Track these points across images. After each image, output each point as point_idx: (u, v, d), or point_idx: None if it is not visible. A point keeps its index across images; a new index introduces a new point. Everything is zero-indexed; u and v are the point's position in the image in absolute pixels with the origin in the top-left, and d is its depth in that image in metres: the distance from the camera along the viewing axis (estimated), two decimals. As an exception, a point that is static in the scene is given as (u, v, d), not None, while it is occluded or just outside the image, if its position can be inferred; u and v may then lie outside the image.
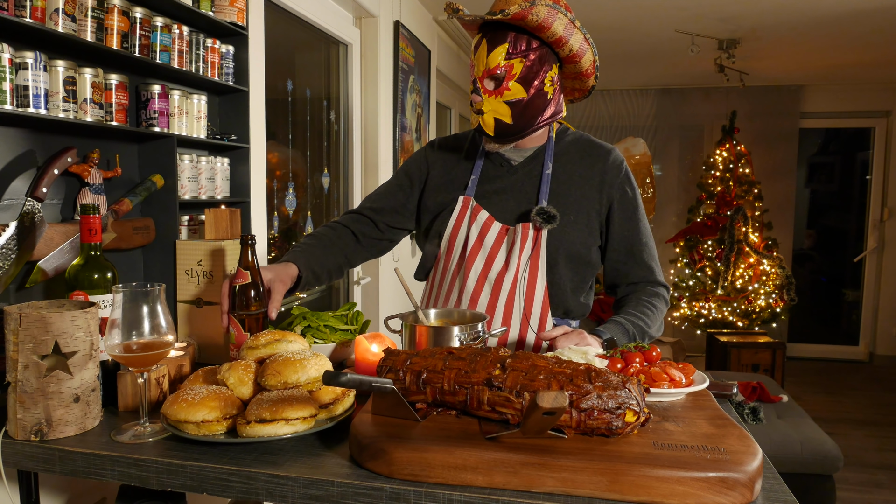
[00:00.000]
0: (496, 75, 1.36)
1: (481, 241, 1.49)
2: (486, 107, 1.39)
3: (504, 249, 1.48)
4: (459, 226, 1.50)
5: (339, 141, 3.12)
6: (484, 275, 1.48)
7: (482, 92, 1.38)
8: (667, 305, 1.52)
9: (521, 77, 1.36)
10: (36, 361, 1.01)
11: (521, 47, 1.35)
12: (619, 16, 3.83)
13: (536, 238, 1.44)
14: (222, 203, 1.84)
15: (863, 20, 3.86)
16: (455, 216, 1.50)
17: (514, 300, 1.46)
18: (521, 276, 1.45)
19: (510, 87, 1.37)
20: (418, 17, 3.62)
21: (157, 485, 0.96)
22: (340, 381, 0.94)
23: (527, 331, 1.47)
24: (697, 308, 5.45)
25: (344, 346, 1.42)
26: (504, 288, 1.46)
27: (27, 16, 1.23)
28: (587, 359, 1.16)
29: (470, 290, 1.49)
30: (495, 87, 1.38)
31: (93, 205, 1.19)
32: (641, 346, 1.23)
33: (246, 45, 1.84)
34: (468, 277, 1.49)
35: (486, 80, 1.38)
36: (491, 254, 1.48)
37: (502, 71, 1.36)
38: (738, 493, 0.81)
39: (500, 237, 1.48)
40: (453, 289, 1.53)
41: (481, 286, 1.48)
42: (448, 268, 1.54)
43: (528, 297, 1.45)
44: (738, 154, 5.50)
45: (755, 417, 3.12)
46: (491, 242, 1.48)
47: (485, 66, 1.36)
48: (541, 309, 1.47)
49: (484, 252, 1.48)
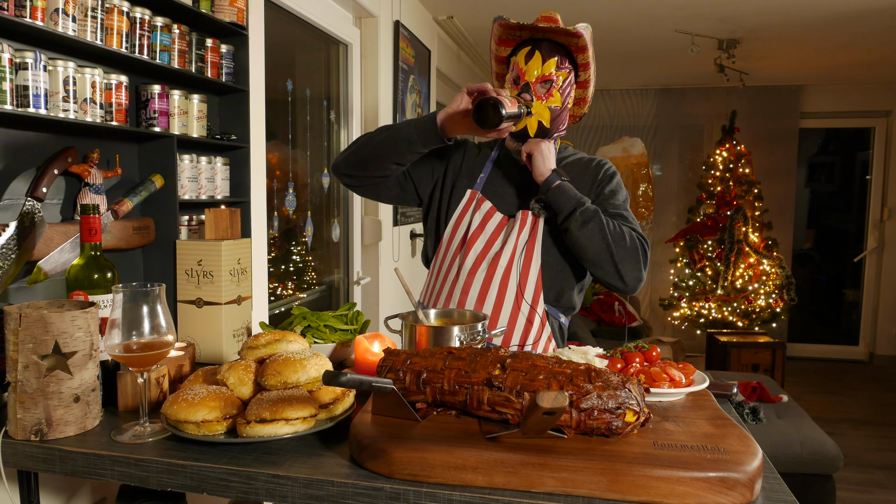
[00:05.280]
0: (549, 81, 1.53)
1: (482, 227, 1.59)
2: (535, 108, 1.53)
3: (503, 235, 1.58)
4: (464, 215, 1.61)
5: (339, 141, 3.12)
6: (482, 256, 1.57)
7: (535, 95, 1.53)
8: (636, 244, 1.49)
9: (561, 88, 1.55)
10: (36, 361, 1.01)
11: (565, 63, 1.54)
12: (619, 16, 3.82)
13: (534, 225, 1.55)
14: (222, 203, 1.84)
15: (863, 20, 3.86)
16: (461, 207, 1.62)
17: (510, 278, 1.55)
18: (517, 258, 1.54)
19: (553, 95, 1.54)
20: (418, 17, 3.62)
21: (157, 485, 0.96)
22: (340, 381, 0.94)
23: (521, 303, 1.55)
24: (697, 308, 5.45)
25: (344, 346, 1.42)
26: (500, 265, 1.55)
27: (27, 16, 1.23)
28: (587, 359, 1.17)
29: (468, 268, 1.57)
30: (545, 92, 1.53)
31: (93, 205, 1.19)
32: (641, 346, 1.23)
33: (246, 45, 1.84)
34: (467, 257, 1.58)
35: (538, 85, 1.53)
36: (491, 238, 1.58)
37: (555, 78, 1.53)
38: (738, 493, 0.81)
39: (501, 225, 1.59)
40: (452, 268, 1.61)
41: (479, 265, 1.57)
42: (449, 250, 1.63)
43: (522, 275, 1.54)
44: (738, 154, 5.50)
45: (755, 417, 3.12)
46: (492, 229, 1.59)
47: (539, 72, 1.52)
48: (534, 288, 1.55)
49: (484, 237, 1.58)
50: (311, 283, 2.97)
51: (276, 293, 2.66)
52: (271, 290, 2.55)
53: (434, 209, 1.69)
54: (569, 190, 1.50)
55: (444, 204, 1.66)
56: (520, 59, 1.55)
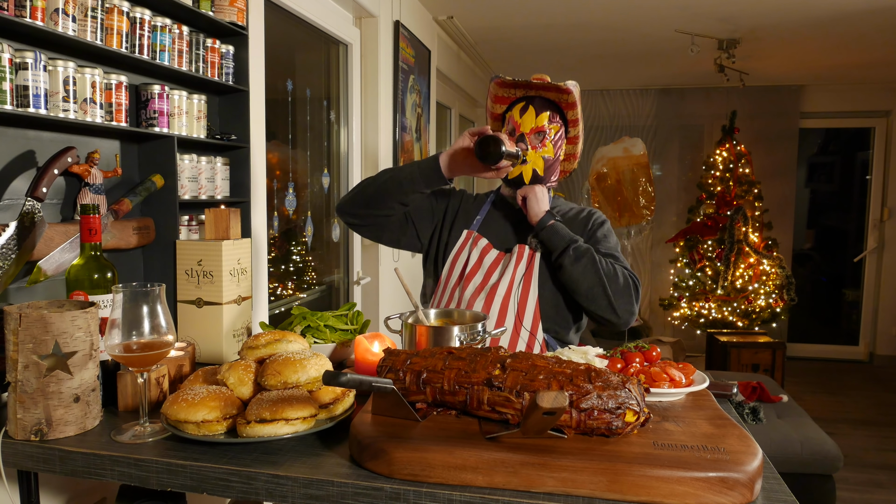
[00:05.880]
0: (542, 132, 1.63)
1: (480, 262, 1.66)
2: (529, 157, 1.64)
3: (500, 268, 1.65)
4: (461, 252, 1.69)
5: (339, 141, 3.12)
6: (481, 287, 1.63)
7: (529, 145, 1.64)
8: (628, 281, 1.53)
9: (553, 140, 1.65)
10: (36, 361, 1.01)
11: (556, 118, 1.66)
12: (619, 16, 3.82)
13: (531, 258, 1.62)
14: (222, 203, 1.84)
15: (863, 20, 3.86)
16: (458, 245, 1.70)
17: (508, 306, 1.59)
18: (515, 288, 1.60)
19: (546, 146, 1.64)
20: (418, 17, 3.62)
21: (157, 485, 0.96)
22: (340, 381, 0.94)
23: (520, 329, 1.58)
24: (697, 308, 5.45)
25: (344, 346, 1.42)
26: (499, 294, 1.60)
27: (27, 16, 1.23)
28: (587, 359, 1.17)
29: (467, 299, 1.62)
30: (539, 142, 1.63)
31: (93, 205, 1.19)
32: (641, 346, 1.23)
33: (246, 45, 1.84)
34: (466, 289, 1.63)
35: (532, 136, 1.64)
36: (488, 272, 1.64)
37: (547, 130, 1.64)
38: (738, 493, 0.81)
39: (498, 260, 1.66)
40: (451, 302, 1.67)
41: (477, 295, 1.62)
42: (448, 286, 1.68)
43: (520, 304, 1.59)
44: (738, 154, 5.49)
45: (755, 417, 3.12)
46: (489, 263, 1.66)
47: (533, 124, 1.64)
48: (532, 317, 1.59)
49: (482, 271, 1.65)
50: (311, 283, 2.97)
51: (276, 293, 2.66)
52: (271, 290, 2.55)
53: (433, 250, 1.76)
54: (562, 229, 1.58)
55: (442, 245, 1.74)
56: (515, 114, 1.66)
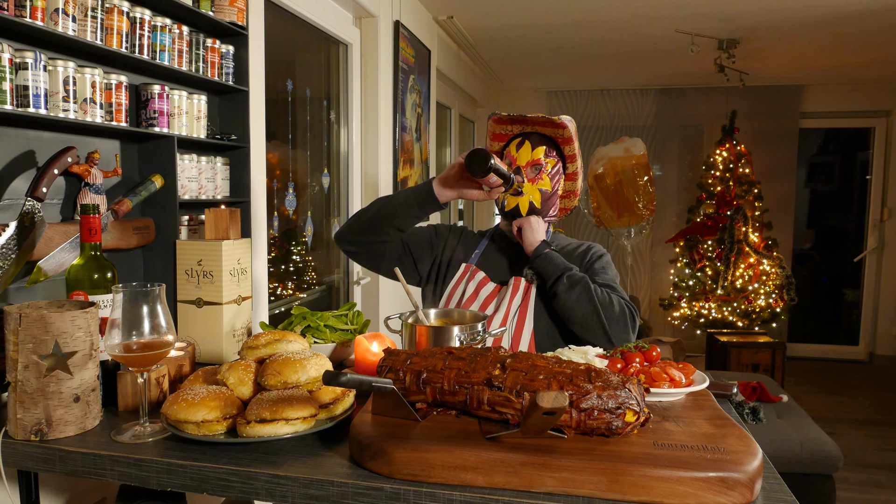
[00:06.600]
0: (538, 165, 1.65)
1: (476, 294, 1.67)
2: (526, 189, 1.66)
3: (496, 300, 1.65)
4: (458, 285, 1.70)
5: (339, 141, 3.12)
6: None
7: (525, 177, 1.66)
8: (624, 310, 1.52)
9: (550, 174, 1.67)
10: (36, 361, 1.01)
11: (552, 152, 1.67)
12: (619, 16, 3.82)
13: (527, 291, 1.62)
14: (222, 203, 1.84)
15: (863, 20, 3.86)
16: (455, 278, 1.71)
17: (502, 339, 1.60)
18: (510, 320, 1.60)
19: (543, 179, 1.66)
20: (418, 17, 3.62)
21: (157, 485, 0.96)
22: (340, 381, 0.94)
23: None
24: (697, 308, 5.45)
25: (344, 346, 1.42)
26: (493, 326, 1.59)
27: (27, 16, 1.23)
28: (587, 359, 1.17)
29: None
30: (535, 175, 1.65)
31: (93, 205, 1.19)
32: (641, 346, 1.23)
33: (246, 45, 1.84)
34: None
35: (528, 168, 1.66)
36: (484, 303, 1.65)
37: (543, 163, 1.65)
38: (738, 493, 0.81)
39: (494, 293, 1.66)
40: None
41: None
42: None
43: (515, 336, 1.59)
44: (738, 154, 5.49)
45: (755, 417, 3.12)
46: (485, 296, 1.66)
47: (529, 157, 1.66)
48: (527, 349, 1.58)
49: (478, 303, 1.65)
50: (311, 283, 2.97)
51: (276, 293, 2.66)
52: (271, 290, 2.55)
53: (431, 284, 1.77)
54: (556, 258, 1.58)
55: (440, 278, 1.75)
56: (511, 149, 1.68)
